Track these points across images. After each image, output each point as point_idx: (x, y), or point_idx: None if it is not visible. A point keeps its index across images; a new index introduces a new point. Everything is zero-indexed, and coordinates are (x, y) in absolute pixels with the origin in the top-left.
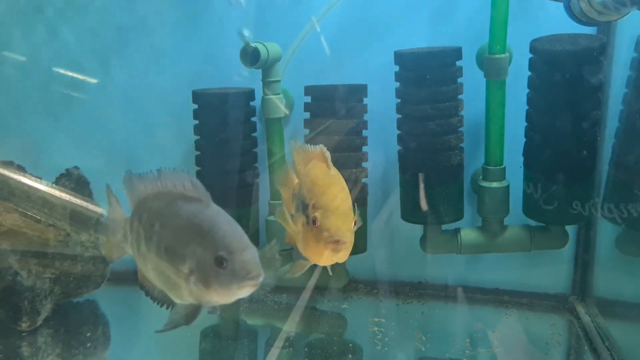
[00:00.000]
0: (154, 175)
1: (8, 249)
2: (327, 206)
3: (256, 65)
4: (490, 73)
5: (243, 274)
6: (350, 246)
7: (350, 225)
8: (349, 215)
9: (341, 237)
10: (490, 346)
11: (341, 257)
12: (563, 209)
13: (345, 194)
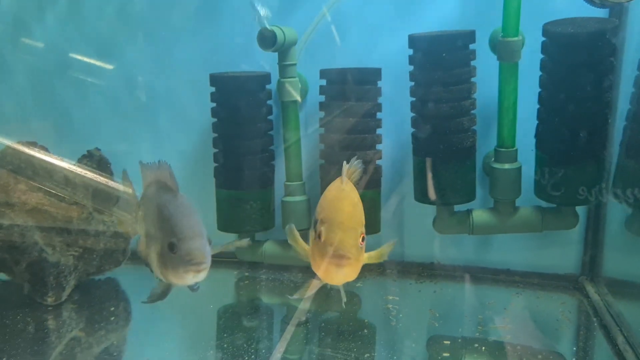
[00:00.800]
0: (155, 165)
1: (34, 226)
2: (333, 220)
3: (273, 49)
4: (504, 56)
5: (187, 259)
6: (357, 263)
7: (355, 240)
8: (356, 230)
9: (344, 251)
10: (502, 322)
11: (348, 274)
12: (574, 190)
13: (354, 209)
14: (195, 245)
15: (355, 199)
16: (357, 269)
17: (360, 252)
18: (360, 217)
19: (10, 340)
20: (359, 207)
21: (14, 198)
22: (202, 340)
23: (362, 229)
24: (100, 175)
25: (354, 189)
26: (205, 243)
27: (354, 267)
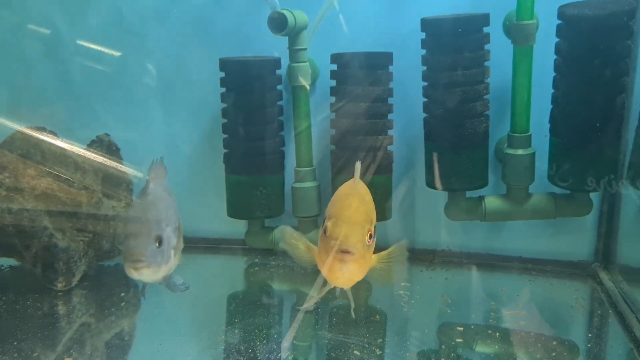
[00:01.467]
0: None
1: (43, 211)
2: (340, 215)
3: (283, 33)
4: (518, 39)
5: (126, 255)
6: (363, 261)
7: (362, 237)
8: (362, 226)
9: (348, 246)
10: (515, 309)
11: (353, 272)
12: (588, 176)
13: (363, 205)
14: (133, 243)
15: (366, 197)
16: (363, 267)
17: (368, 250)
18: (370, 215)
19: (21, 325)
20: (369, 205)
21: (23, 183)
22: (213, 326)
23: (371, 226)
24: (109, 160)
25: (365, 188)
26: (149, 242)
27: (360, 265)
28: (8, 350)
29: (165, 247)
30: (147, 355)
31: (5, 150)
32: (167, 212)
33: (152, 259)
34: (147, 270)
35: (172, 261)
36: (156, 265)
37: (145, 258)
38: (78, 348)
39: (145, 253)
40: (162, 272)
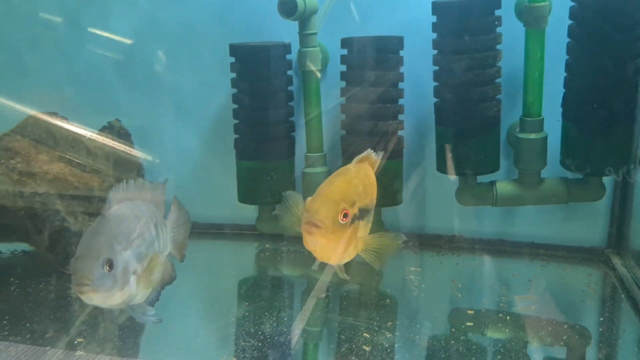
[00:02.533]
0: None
1: (55, 196)
2: (319, 192)
3: (293, 17)
4: (530, 22)
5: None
6: (334, 237)
7: (333, 213)
8: (337, 204)
9: (315, 219)
10: (527, 293)
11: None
12: (601, 161)
13: (346, 186)
14: (79, 266)
15: (356, 180)
16: (333, 243)
17: (342, 228)
18: (352, 196)
19: (34, 307)
20: (357, 187)
21: (35, 168)
22: (224, 309)
23: (350, 206)
24: (121, 145)
25: (365, 173)
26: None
27: (329, 241)
28: (21, 331)
29: (119, 272)
30: (159, 337)
31: (18, 135)
32: (127, 235)
33: (100, 283)
34: (95, 295)
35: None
36: (105, 291)
37: (90, 282)
38: (90, 330)
39: (90, 276)
40: (116, 298)
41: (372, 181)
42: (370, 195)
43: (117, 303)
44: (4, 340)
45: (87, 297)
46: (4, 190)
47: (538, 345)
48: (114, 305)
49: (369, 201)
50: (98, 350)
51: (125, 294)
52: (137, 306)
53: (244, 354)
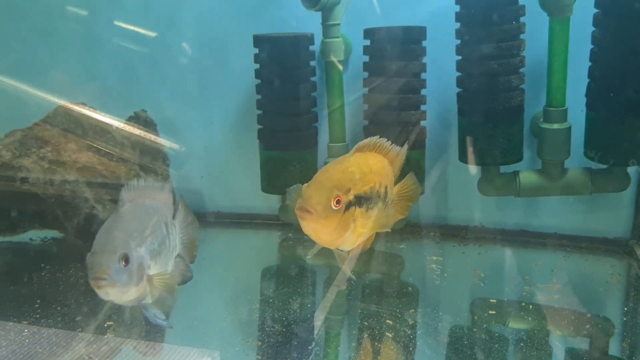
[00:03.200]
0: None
1: (84, 184)
2: (314, 179)
3: (316, 8)
4: (554, 11)
5: (89, 273)
6: (327, 222)
7: (326, 199)
8: (330, 190)
9: (307, 205)
10: (550, 283)
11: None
12: (626, 151)
13: (341, 174)
14: (96, 260)
15: (352, 167)
16: (326, 228)
17: (334, 214)
18: (346, 183)
19: (64, 292)
20: (353, 175)
21: (64, 156)
22: (248, 296)
23: (342, 193)
24: (146, 135)
25: (362, 162)
26: (112, 260)
27: (322, 226)
28: (52, 314)
29: (134, 268)
30: (184, 321)
31: (48, 124)
32: (141, 232)
33: (116, 278)
34: (112, 290)
35: (146, 286)
36: (122, 286)
37: (107, 276)
38: (118, 314)
39: (107, 271)
40: (132, 293)
41: (376, 169)
42: (369, 184)
43: (131, 299)
44: (36, 323)
45: (104, 292)
46: (35, 178)
47: (561, 335)
48: (129, 301)
49: (368, 189)
50: (126, 335)
51: (139, 289)
52: (149, 305)
53: (269, 339)
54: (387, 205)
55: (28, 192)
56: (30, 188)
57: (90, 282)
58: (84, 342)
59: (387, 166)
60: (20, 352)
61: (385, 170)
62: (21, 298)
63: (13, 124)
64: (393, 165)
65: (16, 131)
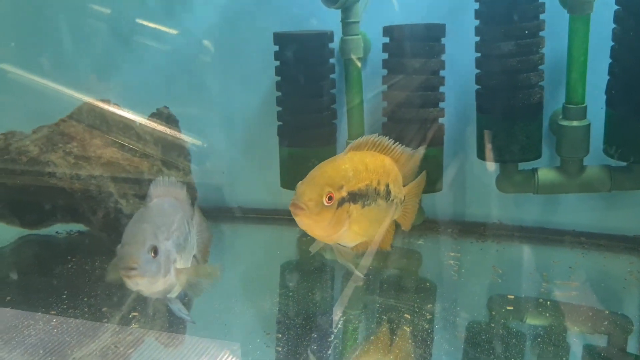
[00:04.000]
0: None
1: (109, 179)
2: (308, 176)
3: (336, 6)
4: (574, 8)
5: (120, 263)
6: (319, 219)
7: (317, 196)
8: (321, 187)
9: (298, 201)
10: (568, 280)
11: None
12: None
13: (333, 172)
14: (127, 251)
15: (346, 165)
16: (319, 224)
17: (326, 210)
18: (338, 180)
19: (90, 284)
20: (346, 172)
21: (90, 152)
22: (267, 290)
23: (335, 190)
24: (169, 131)
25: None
26: (142, 251)
27: (314, 221)
28: (79, 305)
29: (162, 260)
30: (206, 314)
31: (74, 121)
32: (168, 226)
33: (146, 268)
34: (141, 280)
35: (172, 278)
36: (151, 276)
37: (137, 265)
38: (142, 306)
39: (137, 261)
40: (159, 285)
41: (373, 167)
42: (364, 181)
43: (159, 290)
44: (64, 314)
45: (134, 282)
46: (61, 173)
47: (578, 332)
48: (156, 292)
49: (363, 186)
50: (149, 326)
51: (167, 281)
52: (174, 300)
53: (289, 331)
54: (394, 204)
55: (55, 186)
56: (58, 182)
57: (120, 272)
58: (110, 332)
59: (388, 164)
60: (49, 341)
61: (386, 168)
62: (49, 289)
63: (40, 120)
64: (402, 165)
65: (43, 127)
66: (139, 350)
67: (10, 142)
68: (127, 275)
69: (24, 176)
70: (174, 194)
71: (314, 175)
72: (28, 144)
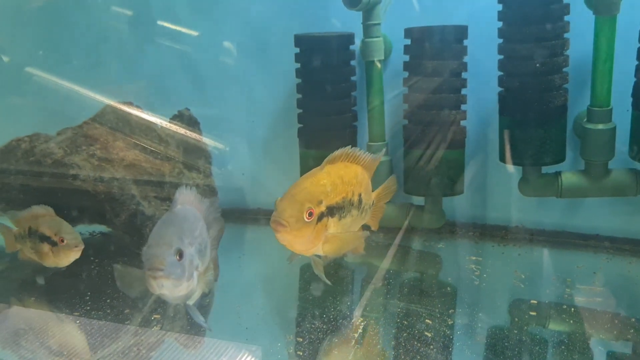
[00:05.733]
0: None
1: (131, 181)
2: (287, 193)
3: (357, 8)
4: (601, 9)
5: (146, 264)
6: (299, 234)
7: (298, 212)
8: (301, 204)
9: (279, 218)
10: (592, 285)
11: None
12: None
13: (312, 187)
14: (154, 252)
15: (324, 180)
16: (299, 239)
17: (307, 226)
18: (318, 195)
19: (113, 285)
20: (324, 188)
21: (112, 154)
22: (287, 292)
23: (314, 205)
24: (190, 133)
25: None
26: (169, 253)
27: (295, 237)
28: (102, 306)
29: (187, 264)
30: (227, 315)
31: (97, 123)
32: (192, 232)
33: (172, 270)
34: (167, 282)
35: (194, 283)
36: (175, 278)
37: (163, 267)
38: (163, 307)
39: (163, 262)
40: (182, 289)
41: (347, 179)
42: (341, 194)
43: (180, 295)
44: (87, 315)
45: (159, 283)
46: (85, 175)
47: (602, 338)
48: (177, 297)
49: (340, 199)
50: (170, 328)
51: (189, 286)
52: (192, 307)
53: (309, 335)
54: (364, 211)
55: (79, 188)
56: (81, 185)
57: (147, 273)
58: (131, 333)
59: (360, 174)
60: (73, 342)
61: (358, 179)
62: (73, 290)
63: (65, 122)
64: (371, 172)
65: (67, 129)
66: (159, 351)
67: (36, 144)
68: (154, 276)
69: (49, 178)
70: (196, 204)
71: (293, 192)
72: (52, 147)
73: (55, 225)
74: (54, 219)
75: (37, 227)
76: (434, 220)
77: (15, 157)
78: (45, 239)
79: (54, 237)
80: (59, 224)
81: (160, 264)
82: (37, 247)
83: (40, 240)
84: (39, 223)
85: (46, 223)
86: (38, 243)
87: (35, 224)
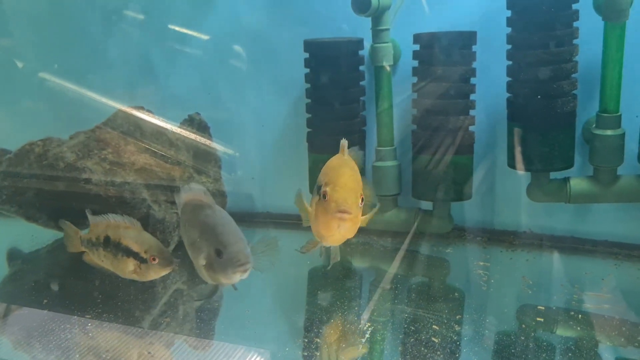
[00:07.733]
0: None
1: (142, 184)
2: (336, 182)
3: (367, 13)
4: (609, 16)
5: (234, 262)
6: (356, 220)
7: (356, 200)
8: (356, 191)
9: (346, 207)
10: (600, 292)
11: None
12: None
13: (354, 174)
14: (238, 248)
15: (354, 167)
16: (355, 226)
17: (359, 211)
18: (359, 182)
19: (123, 288)
20: (358, 174)
21: (124, 158)
22: (296, 296)
23: (361, 191)
24: (200, 137)
25: (351, 160)
26: (246, 246)
27: (354, 224)
28: (112, 309)
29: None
30: (235, 319)
31: (109, 127)
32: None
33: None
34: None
35: None
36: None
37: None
38: (173, 310)
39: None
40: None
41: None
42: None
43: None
44: (98, 317)
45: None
46: (97, 179)
47: (611, 345)
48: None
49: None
50: (179, 330)
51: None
52: None
53: (317, 339)
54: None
55: (91, 192)
56: (93, 188)
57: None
58: (142, 336)
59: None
60: (85, 344)
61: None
62: (84, 293)
63: (77, 126)
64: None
65: (80, 133)
66: (169, 353)
67: (49, 148)
68: (244, 270)
69: (61, 182)
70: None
71: (343, 180)
72: (65, 150)
73: (144, 241)
74: (141, 234)
75: (120, 239)
76: (442, 225)
77: (28, 160)
78: (132, 254)
79: (143, 254)
80: (148, 240)
81: (247, 258)
82: (119, 261)
83: (125, 255)
84: (121, 235)
85: (132, 237)
86: (121, 257)
87: (116, 235)
